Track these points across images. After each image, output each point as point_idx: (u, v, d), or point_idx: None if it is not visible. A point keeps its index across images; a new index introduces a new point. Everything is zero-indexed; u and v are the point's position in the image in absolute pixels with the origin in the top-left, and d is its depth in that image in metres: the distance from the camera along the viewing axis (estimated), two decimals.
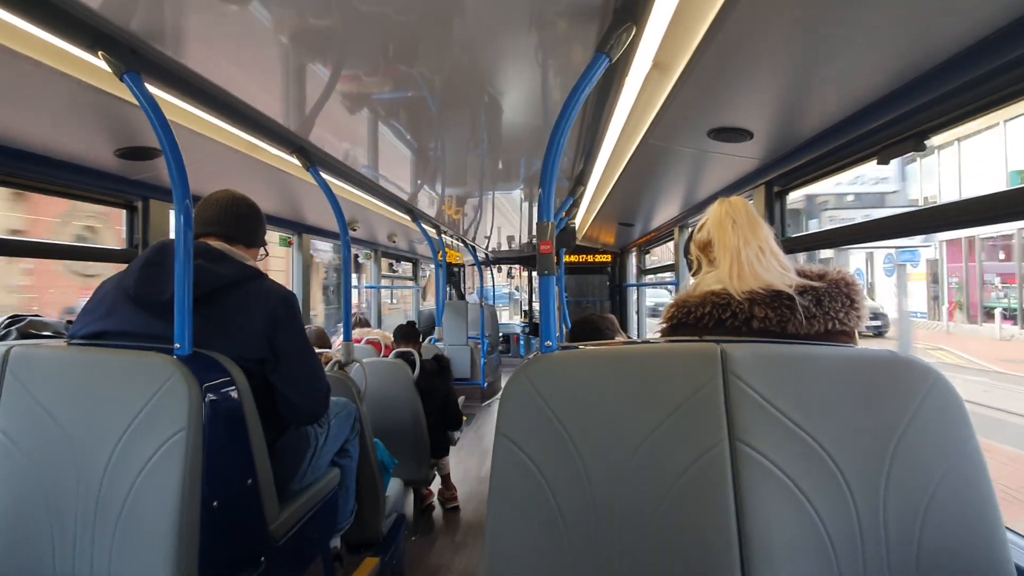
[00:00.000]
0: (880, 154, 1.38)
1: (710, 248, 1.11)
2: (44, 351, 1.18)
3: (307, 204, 2.90)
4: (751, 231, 1.05)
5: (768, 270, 1.00)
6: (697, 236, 1.16)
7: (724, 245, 1.05)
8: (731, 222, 1.07)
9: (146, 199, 2.07)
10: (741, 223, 1.06)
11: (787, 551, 0.79)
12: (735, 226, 1.06)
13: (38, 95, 1.31)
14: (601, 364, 0.91)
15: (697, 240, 1.16)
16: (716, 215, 1.10)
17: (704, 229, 1.14)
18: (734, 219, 1.07)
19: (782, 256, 1.05)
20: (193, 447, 1.05)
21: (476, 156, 2.35)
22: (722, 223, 1.08)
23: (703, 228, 1.14)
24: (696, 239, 1.16)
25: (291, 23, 1.12)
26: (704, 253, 1.14)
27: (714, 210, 1.12)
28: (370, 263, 5.20)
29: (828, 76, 1.16)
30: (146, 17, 1.07)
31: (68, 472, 1.08)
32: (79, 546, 1.06)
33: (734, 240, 1.04)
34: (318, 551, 1.64)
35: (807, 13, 0.92)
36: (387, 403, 2.70)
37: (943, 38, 0.97)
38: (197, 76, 1.30)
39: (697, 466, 0.83)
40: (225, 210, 1.43)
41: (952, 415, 0.82)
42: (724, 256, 1.05)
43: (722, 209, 1.10)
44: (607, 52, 1.04)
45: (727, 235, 1.05)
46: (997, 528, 0.80)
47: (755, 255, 1.02)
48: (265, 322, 1.30)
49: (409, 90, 1.54)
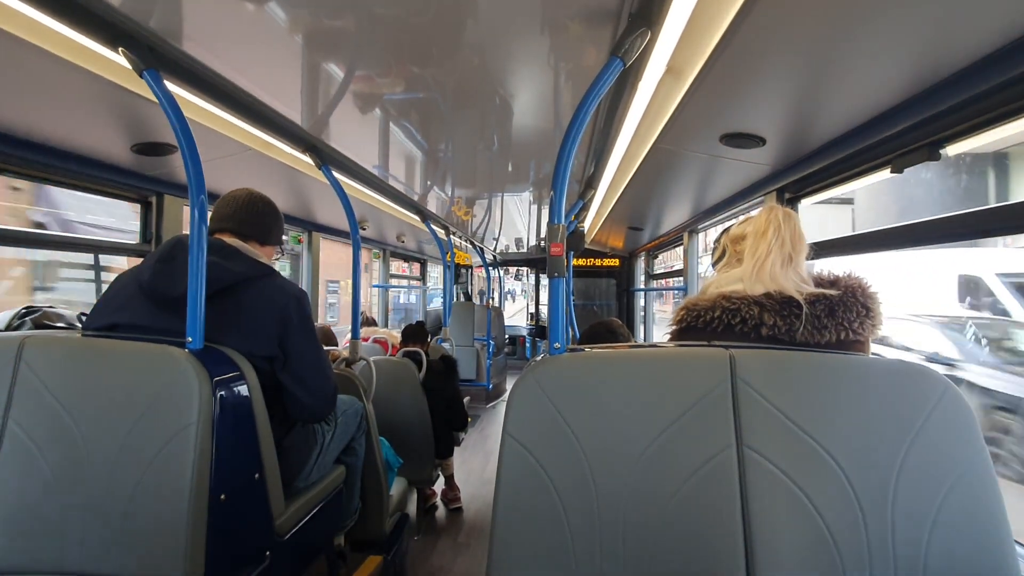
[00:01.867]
0: (894, 163, 1.37)
1: (741, 242, 1.10)
2: (58, 342, 1.19)
3: (318, 203, 2.92)
4: (791, 241, 1.03)
5: (787, 277, 0.99)
6: (734, 228, 1.17)
7: (758, 242, 1.04)
8: (775, 228, 1.04)
9: (160, 194, 2.10)
10: (784, 231, 1.03)
11: (794, 559, 0.78)
12: (777, 232, 1.03)
13: (58, 90, 1.33)
14: (609, 367, 0.91)
15: (733, 233, 1.16)
16: (765, 217, 1.07)
17: (744, 224, 1.13)
18: (777, 226, 1.04)
19: (803, 268, 1.03)
20: (202, 440, 1.06)
21: (486, 158, 2.36)
22: (768, 223, 1.05)
23: (742, 223, 1.14)
24: (732, 232, 1.16)
25: (307, 23, 1.14)
26: (733, 246, 1.14)
27: (764, 212, 1.09)
28: (378, 262, 5.22)
29: (842, 83, 1.16)
30: (165, 15, 1.09)
31: (78, 462, 1.09)
32: (87, 536, 1.07)
33: (771, 242, 1.02)
34: (322, 548, 1.65)
35: (822, 19, 0.92)
36: (393, 402, 2.70)
37: (959, 47, 0.96)
38: (214, 74, 1.32)
39: (704, 471, 0.83)
40: (241, 207, 1.45)
41: (962, 426, 0.82)
42: (754, 253, 1.03)
43: (774, 213, 1.07)
44: (621, 56, 1.04)
45: (765, 240, 1.03)
46: (1006, 540, 0.79)
47: (781, 261, 1.01)
48: (276, 320, 1.31)
49: (421, 91, 1.55)
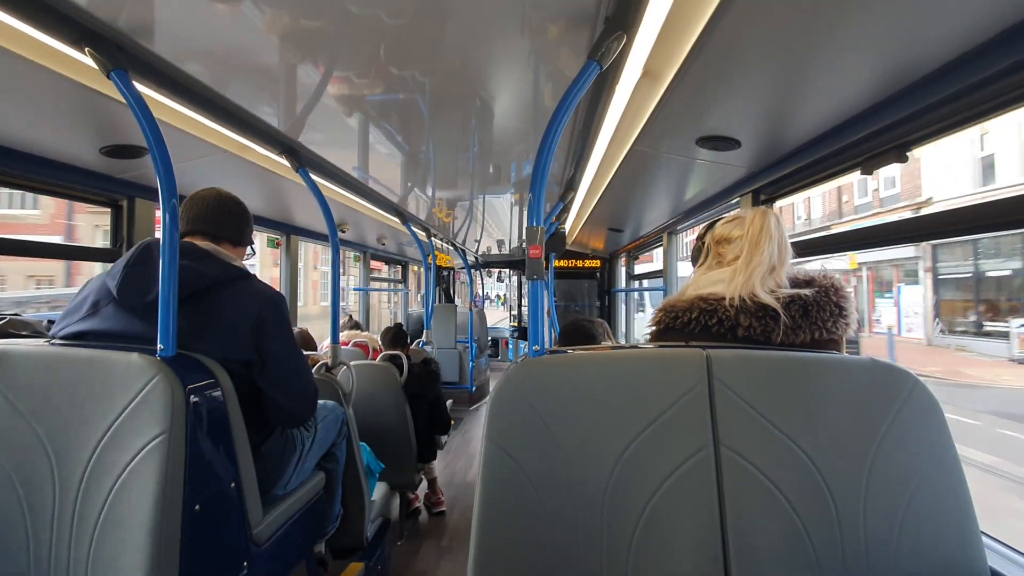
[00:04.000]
0: (864, 165, 1.40)
1: (726, 245, 1.09)
2: (24, 351, 1.15)
3: (296, 205, 2.88)
4: (779, 252, 1.03)
5: (763, 285, 1.00)
6: (719, 228, 1.13)
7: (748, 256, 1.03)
8: (769, 236, 1.03)
9: (131, 198, 2.04)
10: (775, 239, 1.04)
11: (769, 554, 0.80)
12: (771, 241, 1.03)
13: (22, 91, 1.28)
14: (588, 368, 0.91)
15: (718, 233, 1.13)
16: (759, 227, 1.06)
17: (730, 226, 1.11)
18: (772, 233, 1.04)
19: (783, 275, 1.04)
20: (175, 450, 1.03)
21: (467, 159, 2.35)
22: (763, 229, 1.04)
23: (728, 224, 1.12)
24: (717, 231, 1.13)
25: (282, 23, 1.12)
26: (717, 247, 1.12)
27: (757, 215, 1.08)
28: (359, 265, 5.17)
29: (814, 87, 1.18)
30: (134, 13, 1.06)
31: (47, 474, 1.06)
32: (56, 550, 1.03)
33: (762, 256, 1.02)
34: (302, 556, 1.62)
35: (795, 24, 0.94)
36: (374, 407, 2.68)
37: (926, 51, 0.99)
38: (185, 74, 1.29)
39: (683, 470, 0.84)
40: (211, 208, 1.41)
41: (930, 420, 0.84)
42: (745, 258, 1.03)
43: (768, 217, 1.06)
44: (598, 59, 1.05)
45: (759, 251, 1.02)
46: (973, 532, 0.82)
47: (766, 272, 1.01)
48: (252, 324, 1.28)
49: (400, 92, 1.53)
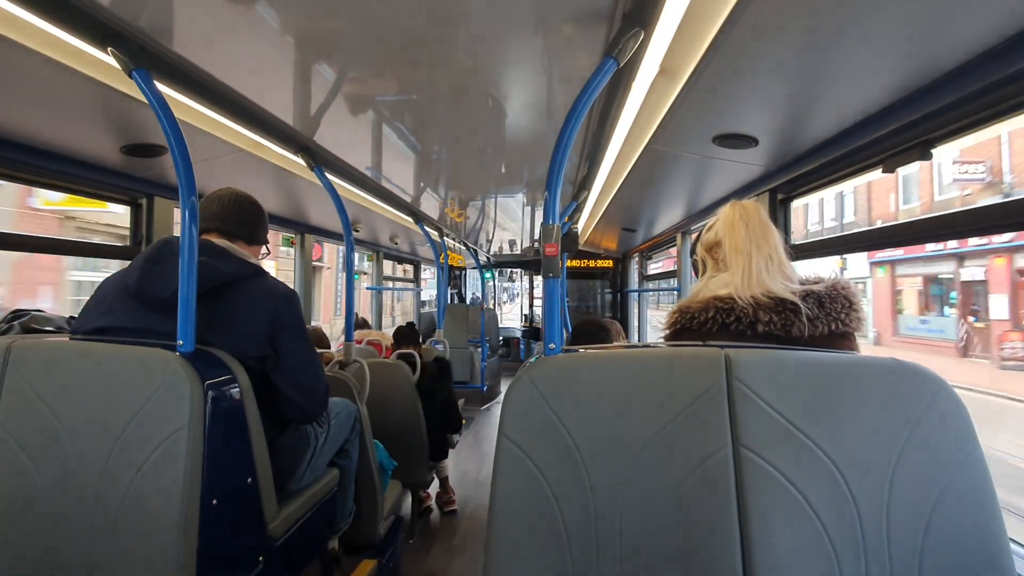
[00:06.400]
0: (886, 163, 1.38)
1: (718, 249, 1.10)
2: (46, 346, 1.17)
3: (310, 204, 2.90)
4: (763, 237, 1.04)
5: (774, 279, 1.00)
6: (705, 236, 1.15)
7: (736, 249, 1.04)
8: (744, 226, 1.05)
9: (151, 196, 2.08)
10: (754, 227, 1.05)
11: (790, 558, 0.78)
12: (748, 230, 1.05)
13: (46, 90, 1.31)
14: (604, 367, 0.91)
15: (705, 241, 1.14)
16: (728, 218, 1.09)
17: (713, 230, 1.12)
18: (747, 223, 1.06)
19: (787, 265, 1.05)
20: (194, 444, 1.04)
21: (480, 159, 2.36)
22: (734, 226, 1.07)
23: (712, 229, 1.13)
24: (704, 240, 1.15)
25: (299, 23, 1.13)
26: (711, 254, 1.12)
27: (725, 212, 1.10)
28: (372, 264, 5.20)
29: (834, 84, 1.16)
30: (155, 14, 1.07)
31: (67, 468, 1.07)
32: (76, 543, 1.05)
33: (746, 245, 1.03)
34: (316, 552, 1.63)
35: (814, 21, 0.93)
36: (387, 404, 2.69)
37: (949, 47, 0.97)
38: (205, 74, 1.31)
39: (700, 471, 0.82)
40: (227, 207, 1.43)
41: (956, 424, 0.82)
42: (736, 260, 1.03)
43: (735, 212, 1.09)
44: (615, 56, 1.04)
45: (739, 239, 1.04)
46: (1001, 538, 0.80)
47: (765, 264, 1.01)
48: (267, 320, 1.30)
49: (415, 92, 1.54)
